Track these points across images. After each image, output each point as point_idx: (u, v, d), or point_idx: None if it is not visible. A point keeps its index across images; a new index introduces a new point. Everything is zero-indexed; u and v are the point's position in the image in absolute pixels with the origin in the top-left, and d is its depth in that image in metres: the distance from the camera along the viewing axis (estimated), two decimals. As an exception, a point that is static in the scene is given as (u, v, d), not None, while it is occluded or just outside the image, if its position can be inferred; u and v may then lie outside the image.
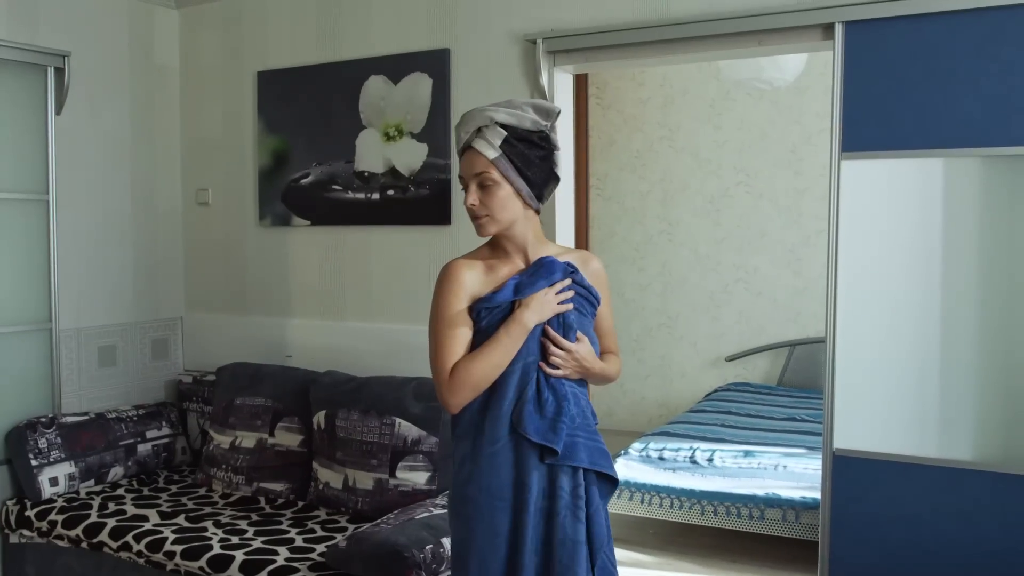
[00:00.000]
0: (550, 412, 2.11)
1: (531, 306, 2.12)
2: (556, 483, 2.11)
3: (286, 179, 4.06)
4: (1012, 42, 2.67)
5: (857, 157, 2.88)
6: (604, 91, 6.58)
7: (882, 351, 2.88)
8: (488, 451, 2.11)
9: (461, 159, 2.16)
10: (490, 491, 2.11)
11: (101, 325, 4.07)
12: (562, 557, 2.10)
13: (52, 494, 3.55)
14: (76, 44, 3.87)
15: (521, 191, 2.13)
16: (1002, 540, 2.72)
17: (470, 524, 2.14)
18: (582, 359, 2.16)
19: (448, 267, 2.19)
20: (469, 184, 2.14)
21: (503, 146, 2.09)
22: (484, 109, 2.12)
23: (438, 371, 2.12)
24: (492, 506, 2.11)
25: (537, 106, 2.16)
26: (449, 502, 2.22)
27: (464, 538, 2.15)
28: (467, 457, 2.15)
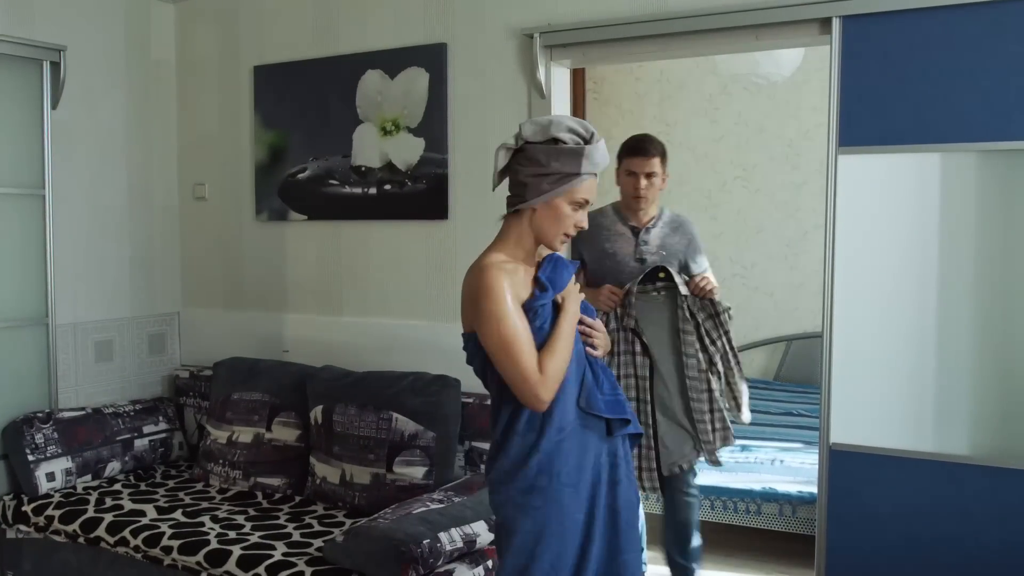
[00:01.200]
0: (608, 390, 2.25)
1: (571, 297, 2.23)
2: (616, 453, 2.25)
3: (283, 174, 4.05)
4: (1010, 37, 2.67)
5: (854, 152, 2.88)
6: (601, 86, 6.57)
7: (879, 346, 2.89)
8: (556, 439, 2.16)
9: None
10: (560, 477, 2.16)
11: (98, 320, 4.07)
12: (627, 518, 2.25)
13: (49, 489, 3.55)
14: (72, 38, 3.86)
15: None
16: (997, 534, 2.73)
17: (542, 514, 2.16)
18: (607, 337, 2.35)
19: (491, 273, 2.13)
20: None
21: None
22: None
23: (529, 373, 2.09)
24: (562, 492, 2.16)
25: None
26: (506, 500, 2.20)
27: (532, 530, 2.16)
28: (532, 449, 2.16)
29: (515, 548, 2.18)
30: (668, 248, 3.43)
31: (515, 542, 2.18)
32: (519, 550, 2.18)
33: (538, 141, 2.14)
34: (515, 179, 2.19)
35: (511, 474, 2.18)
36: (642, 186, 3.36)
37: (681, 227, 3.48)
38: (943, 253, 2.80)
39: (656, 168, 3.37)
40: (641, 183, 3.36)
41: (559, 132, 2.13)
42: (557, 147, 2.13)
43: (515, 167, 2.18)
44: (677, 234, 3.46)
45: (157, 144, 4.31)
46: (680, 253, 3.44)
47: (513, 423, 2.18)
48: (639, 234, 3.43)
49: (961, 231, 2.79)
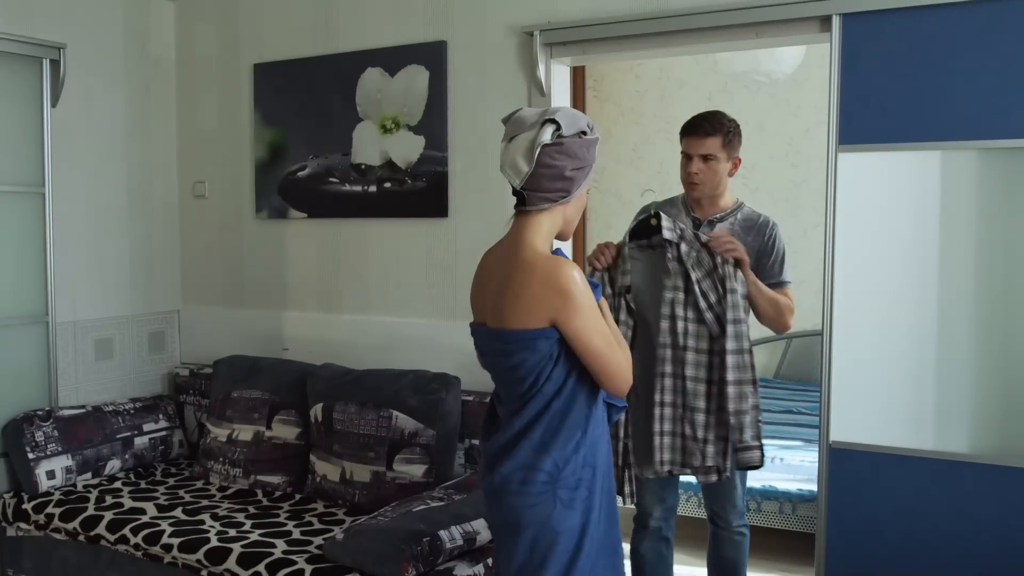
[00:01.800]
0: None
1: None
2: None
3: (283, 172, 4.05)
4: (1009, 34, 2.66)
5: (854, 150, 2.88)
6: (601, 83, 6.57)
7: (879, 344, 2.88)
8: (596, 431, 2.18)
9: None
10: (595, 467, 2.18)
11: (98, 318, 4.07)
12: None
13: (49, 487, 3.55)
14: (72, 36, 3.85)
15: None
16: (998, 532, 2.72)
17: (586, 506, 2.16)
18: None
19: (573, 270, 2.10)
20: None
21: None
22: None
23: (627, 362, 2.17)
24: (595, 480, 2.18)
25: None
26: (549, 500, 2.14)
27: (578, 523, 2.15)
28: (579, 444, 2.15)
29: (561, 548, 2.14)
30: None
31: (560, 541, 2.14)
32: (565, 549, 2.14)
33: (572, 134, 2.11)
34: (557, 174, 2.10)
35: (556, 473, 2.13)
36: (694, 170, 2.91)
37: (756, 228, 2.96)
38: (943, 251, 2.80)
39: (714, 150, 2.90)
40: (694, 166, 2.92)
41: (581, 124, 2.12)
42: (585, 139, 2.12)
43: (551, 163, 2.09)
44: (750, 235, 2.95)
45: (157, 142, 4.30)
46: (749, 258, 2.87)
47: (565, 418, 2.14)
48: (699, 228, 2.99)
49: (961, 229, 2.79)
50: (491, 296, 2.18)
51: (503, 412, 2.22)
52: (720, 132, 2.90)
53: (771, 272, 2.95)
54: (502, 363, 2.16)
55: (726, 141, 2.92)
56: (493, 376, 2.25)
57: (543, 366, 2.11)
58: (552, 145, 2.08)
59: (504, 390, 2.22)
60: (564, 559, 2.13)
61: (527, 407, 2.13)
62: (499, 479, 2.15)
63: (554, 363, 2.11)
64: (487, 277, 2.23)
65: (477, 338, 2.25)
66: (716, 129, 2.91)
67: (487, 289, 2.21)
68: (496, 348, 2.16)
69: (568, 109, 2.15)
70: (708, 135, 2.90)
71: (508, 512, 2.16)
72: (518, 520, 2.14)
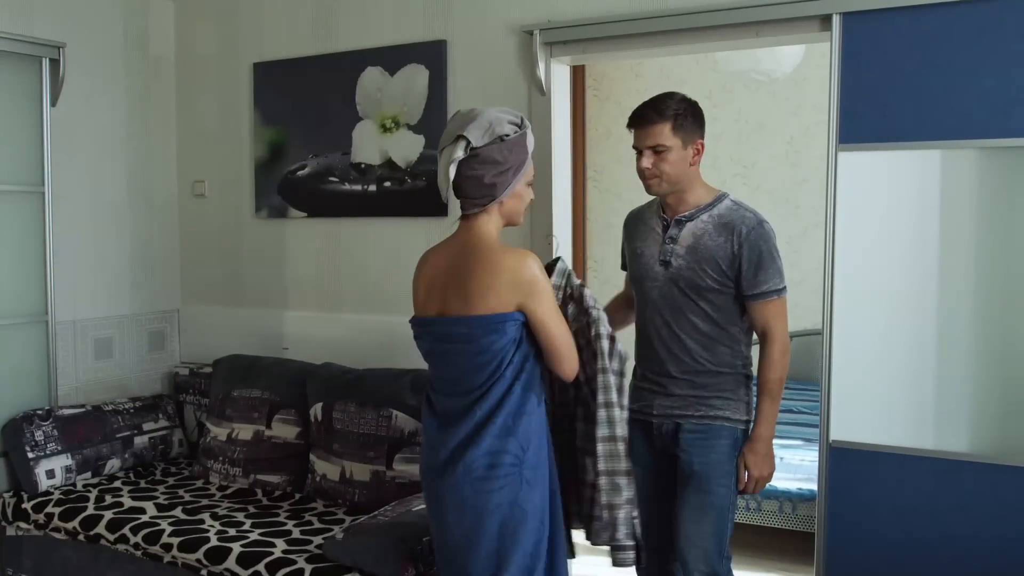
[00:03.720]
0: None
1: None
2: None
3: (282, 171, 4.05)
4: (1009, 34, 2.66)
5: (854, 149, 2.88)
6: (601, 82, 6.56)
7: (879, 343, 2.88)
8: (544, 413, 2.37)
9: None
10: (547, 445, 2.37)
11: (97, 317, 4.07)
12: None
13: (49, 487, 3.55)
14: (71, 35, 3.85)
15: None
16: (998, 531, 2.72)
17: (545, 480, 2.32)
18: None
19: (536, 260, 2.29)
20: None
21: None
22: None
23: (575, 352, 2.36)
24: (548, 457, 2.37)
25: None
26: (514, 482, 2.25)
27: (543, 498, 2.30)
28: (540, 425, 2.32)
29: (529, 527, 2.26)
30: (700, 251, 2.57)
31: (528, 520, 2.26)
32: (533, 527, 2.26)
33: (486, 143, 2.25)
34: (477, 183, 2.28)
35: (521, 455, 2.25)
36: (645, 164, 2.56)
37: (731, 225, 2.56)
38: (943, 250, 2.80)
39: (664, 139, 2.53)
40: (644, 160, 2.57)
41: (502, 129, 2.26)
42: (507, 141, 2.27)
43: (469, 173, 2.27)
44: (722, 233, 2.57)
45: (156, 141, 4.30)
46: (719, 260, 2.55)
47: (526, 402, 2.27)
48: (668, 228, 2.66)
49: (961, 228, 2.79)
50: (451, 288, 2.30)
51: (457, 405, 2.29)
52: (667, 117, 2.53)
53: (748, 282, 2.56)
54: (466, 350, 2.26)
55: (677, 125, 2.54)
56: (444, 370, 2.34)
57: (507, 350, 2.25)
58: (467, 159, 2.25)
59: (462, 381, 2.29)
60: (534, 537, 2.25)
61: (490, 393, 2.25)
62: (462, 468, 2.25)
63: (516, 347, 2.25)
64: (438, 273, 2.36)
65: (435, 328, 2.34)
66: (662, 115, 2.54)
67: (438, 283, 2.34)
68: (461, 334, 2.27)
69: (486, 116, 2.28)
70: (653, 123, 2.54)
71: (473, 499, 2.24)
72: (484, 506, 2.24)
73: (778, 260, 2.60)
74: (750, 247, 2.54)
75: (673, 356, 2.64)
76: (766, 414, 2.61)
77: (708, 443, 2.60)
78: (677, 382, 2.64)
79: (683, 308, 2.61)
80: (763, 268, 2.56)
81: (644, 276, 2.68)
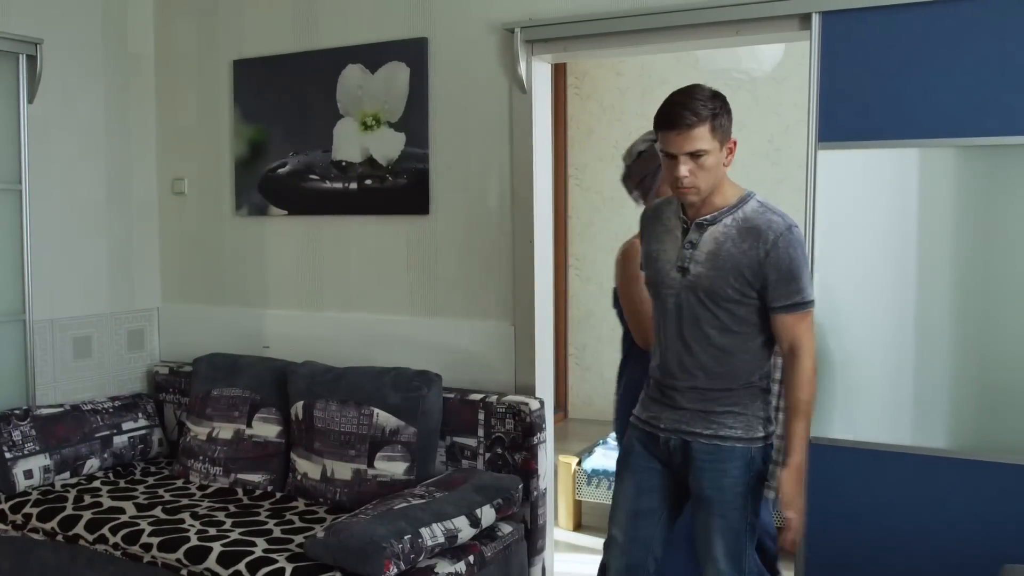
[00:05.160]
0: None
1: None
2: None
3: (263, 168, 4.03)
4: (986, 33, 2.69)
5: (834, 147, 2.90)
6: (583, 81, 6.58)
7: (857, 340, 2.90)
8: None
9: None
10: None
11: (76, 316, 4.03)
12: None
13: (27, 487, 3.52)
14: (48, 31, 3.81)
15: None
16: (974, 525, 2.75)
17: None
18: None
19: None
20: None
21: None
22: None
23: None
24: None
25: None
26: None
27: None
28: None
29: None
30: (722, 259, 2.38)
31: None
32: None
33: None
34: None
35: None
36: (683, 173, 2.32)
37: (757, 231, 2.37)
38: (922, 248, 2.83)
39: (703, 143, 2.31)
40: (681, 168, 2.33)
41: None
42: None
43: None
44: (747, 239, 2.37)
45: (135, 138, 4.27)
46: (742, 269, 2.37)
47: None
48: (688, 231, 2.47)
49: (940, 226, 2.82)
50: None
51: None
52: (705, 118, 2.32)
53: (775, 293, 2.37)
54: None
55: (715, 126, 2.33)
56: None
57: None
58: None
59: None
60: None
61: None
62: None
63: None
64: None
65: None
66: (699, 115, 2.31)
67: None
68: None
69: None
70: (691, 125, 2.31)
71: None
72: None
73: (807, 269, 2.41)
74: (778, 255, 2.34)
75: (684, 368, 2.47)
76: (800, 438, 2.38)
77: (720, 467, 2.44)
78: (686, 395, 2.48)
79: (700, 318, 2.42)
80: (793, 278, 2.36)
81: (660, 282, 2.49)
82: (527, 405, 3.29)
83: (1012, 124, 2.67)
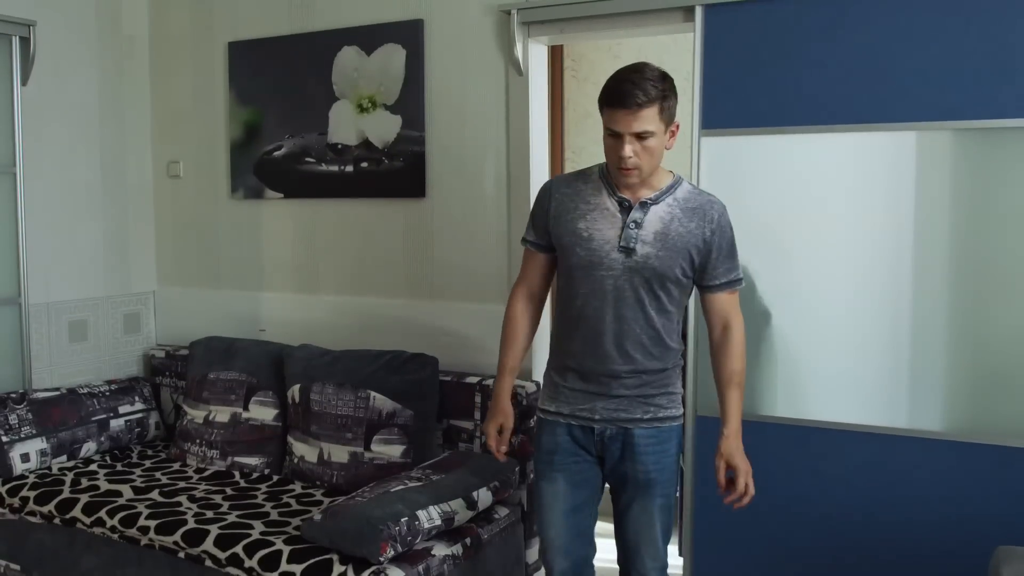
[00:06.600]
0: None
1: None
2: None
3: (259, 151, 4.02)
4: (853, 26, 2.83)
5: (715, 134, 3.03)
6: (580, 63, 6.54)
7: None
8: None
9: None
10: None
11: (71, 299, 4.03)
12: None
13: (24, 470, 3.52)
14: (41, 13, 3.79)
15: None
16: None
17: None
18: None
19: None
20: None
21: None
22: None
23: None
24: None
25: None
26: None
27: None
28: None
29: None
30: (670, 238, 2.36)
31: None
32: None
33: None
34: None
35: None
36: (628, 153, 2.27)
37: (701, 210, 2.39)
38: (799, 227, 2.95)
39: (651, 124, 2.26)
40: (626, 148, 2.27)
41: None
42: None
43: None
44: (693, 219, 2.38)
45: (130, 121, 4.25)
46: (690, 248, 2.37)
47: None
48: (630, 211, 2.39)
49: (816, 206, 2.93)
50: None
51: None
52: (656, 100, 2.25)
53: (716, 271, 2.42)
54: None
55: (663, 107, 2.27)
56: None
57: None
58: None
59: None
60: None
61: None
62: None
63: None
64: None
65: None
66: (651, 96, 2.24)
67: None
68: None
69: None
70: (642, 106, 2.23)
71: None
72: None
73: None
74: (721, 234, 2.39)
75: (624, 353, 2.41)
76: (738, 406, 2.45)
77: (661, 448, 2.45)
78: (623, 382, 2.43)
79: (642, 300, 2.38)
80: (732, 256, 2.44)
81: (594, 263, 2.38)
82: (523, 388, 3.29)
83: (879, 112, 2.81)
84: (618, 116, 2.26)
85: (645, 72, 2.27)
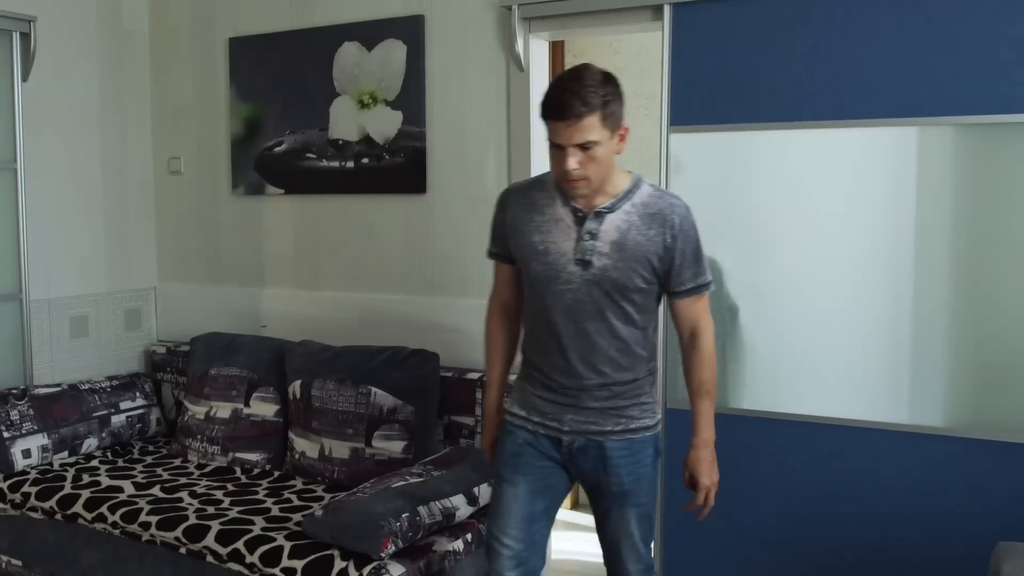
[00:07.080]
0: None
1: None
2: None
3: (259, 147, 4.02)
4: (815, 25, 2.88)
5: (683, 131, 3.07)
6: (581, 59, 6.53)
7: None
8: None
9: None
10: None
11: (73, 295, 4.03)
12: None
13: (25, 466, 3.52)
14: (42, 8, 3.79)
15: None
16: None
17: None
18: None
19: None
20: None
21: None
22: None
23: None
24: None
25: None
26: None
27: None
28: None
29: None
30: (628, 247, 2.24)
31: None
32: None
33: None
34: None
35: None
36: (572, 165, 2.15)
37: (661, 215, 2.26)
38: (768, 220, 2.99)
39: (593, 133, 2.13)
40: (569, 160, 2.15)
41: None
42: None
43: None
44: (652, 225, 2.25)
45: (131, 117, 4.25)
46: (650, 257, 2.25)
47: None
48: (585, 221, 2.27)
49: (785, 201, 2.97)
50: None
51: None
52: (597, 108, 2.12)
53: (681, 277, 2.30)
54: None
55: (606, 115, 2.14)
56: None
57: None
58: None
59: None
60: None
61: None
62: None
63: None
64: None
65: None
66: (591, 104, 2.12)
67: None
68: None
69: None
70: (581, 116, 2.12)
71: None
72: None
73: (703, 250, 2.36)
74: (684, 239, 2.26)
75: (590, 366, 2.31)
76: (708, 416, 2.38)
77: (635, 459, 2.37)
78: (593, 394, 2.33)
79: (604, 312, 2.28)
80: (698, 261, 2.31)
81: (551, 277, 2.28)
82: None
83: (840, 109, 2.86)
84: (558, 128, 2.15)
85: (585, 78, 2.14)
